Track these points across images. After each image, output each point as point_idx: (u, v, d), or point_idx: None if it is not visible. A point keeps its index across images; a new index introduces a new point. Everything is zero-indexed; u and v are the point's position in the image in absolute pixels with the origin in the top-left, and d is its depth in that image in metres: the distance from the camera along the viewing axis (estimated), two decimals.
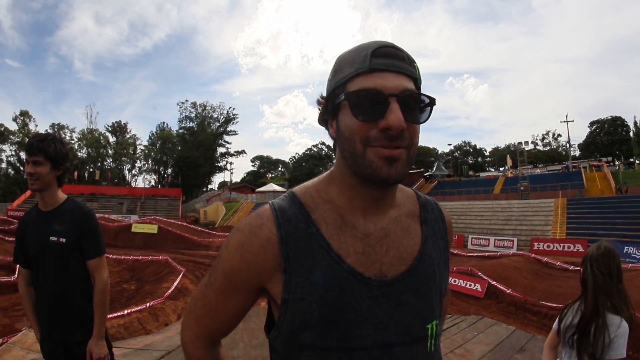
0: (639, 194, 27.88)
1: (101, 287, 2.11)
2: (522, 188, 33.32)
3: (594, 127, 64.64)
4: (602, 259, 1.99)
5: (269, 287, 0.78)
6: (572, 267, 15.09)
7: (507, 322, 6.52)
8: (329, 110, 0.79)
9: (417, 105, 0.74)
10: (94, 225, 2.14)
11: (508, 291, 11.41)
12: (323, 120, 0.84)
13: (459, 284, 12.64)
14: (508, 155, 50.17)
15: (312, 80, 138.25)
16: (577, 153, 68.59)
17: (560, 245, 22.00)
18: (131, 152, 67.93)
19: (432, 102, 0.75)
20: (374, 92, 0.71)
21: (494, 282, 11.96)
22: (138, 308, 7.37)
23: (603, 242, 2.07)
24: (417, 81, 0.76)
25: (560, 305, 9.48)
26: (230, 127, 72.91)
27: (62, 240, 2.03)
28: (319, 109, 0.84)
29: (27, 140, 2.06)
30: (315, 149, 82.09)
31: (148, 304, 7.62)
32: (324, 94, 0.83)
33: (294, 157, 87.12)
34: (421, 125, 0.76)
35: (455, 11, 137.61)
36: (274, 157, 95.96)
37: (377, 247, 0.78)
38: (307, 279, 0.74)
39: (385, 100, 0.70)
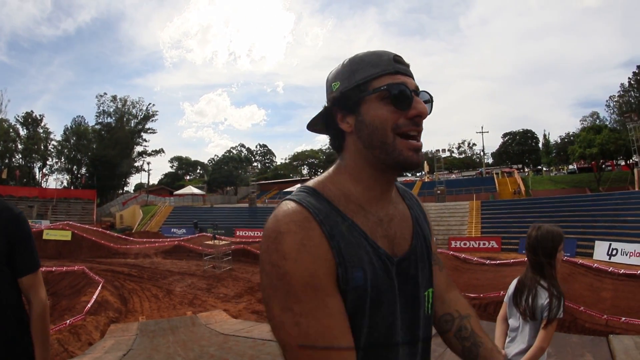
0: (544, 196, 31.97)
1: (40, 310, 1.63)
2: (439, 192, 35.26)
3: (506, 138, 70.18)
4: (535, 240, 2.28)
5: None
6: (488, 261, 16.54)
7: None
8: (349, 105, 0.85)
9: None
10: (26, 232, 1.64)
11: None
12: (327, 119, 0.90)
13: None
14: (425, 162, 53.13)
15: (237, 80, 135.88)
16: (490, 161, 74.60)
17: (476, 243, 24.00)
18: (43, 148, 59.77)
19: (432, 99, 0.92)
20: (405, 86, 0.83)
21: None
22: (57, 327, 6.57)
23: (544, 225, 2.32)
24: None
25: (481, 295, 10.40)
26: (149, 125, 67.55)
27: None
28: (328, 107, 0.89)
29: None
30: (234, 151, 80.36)
31: (68, 322, 6.91)
32: (325, 103, 0.90)
33: (213, 158, 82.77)
34: None
35: (386, 23, 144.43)
36: (192, 159, 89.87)
37: (390, 231, 0.88)
38: (359, 269, 0.77)
39: (410, 94, 0.83)
